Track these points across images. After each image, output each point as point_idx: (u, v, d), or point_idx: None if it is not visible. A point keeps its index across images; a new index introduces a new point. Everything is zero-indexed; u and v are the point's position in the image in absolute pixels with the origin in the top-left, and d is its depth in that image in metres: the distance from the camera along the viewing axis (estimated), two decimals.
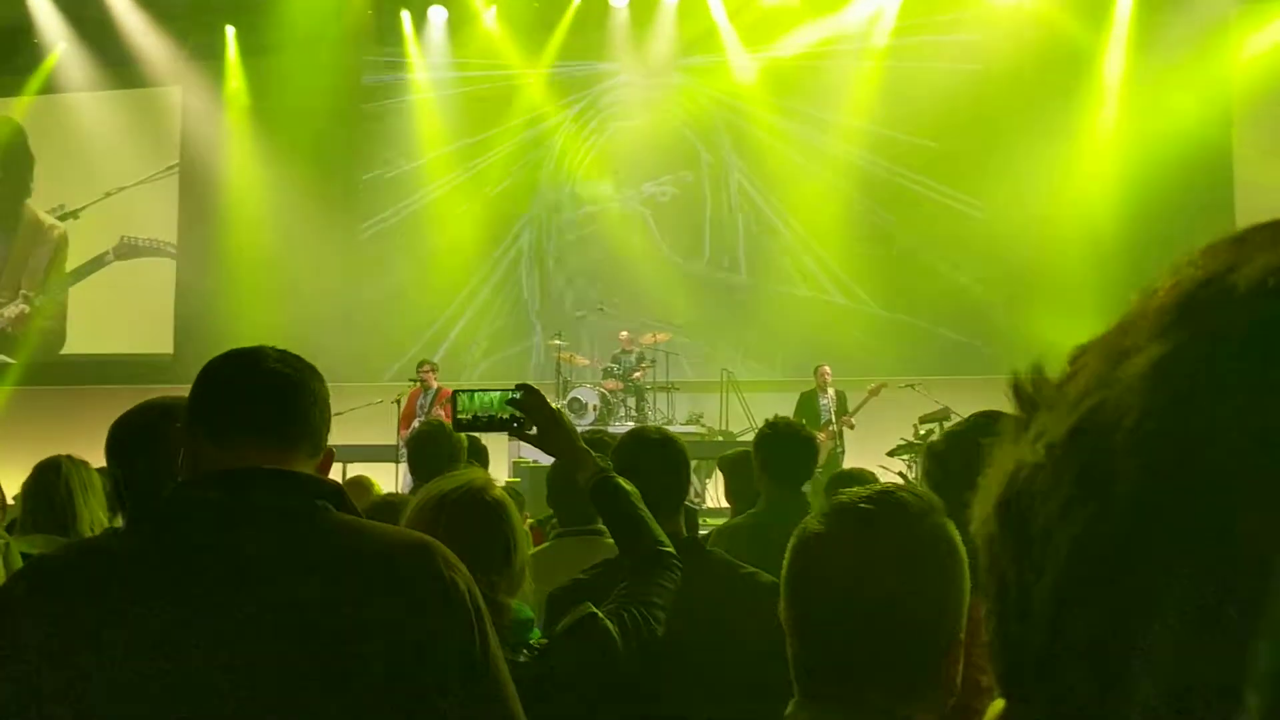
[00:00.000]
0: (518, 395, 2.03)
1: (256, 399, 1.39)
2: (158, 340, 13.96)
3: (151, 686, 1.20)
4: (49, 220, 14.26)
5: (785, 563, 1.19)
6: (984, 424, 2.07)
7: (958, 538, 1.13)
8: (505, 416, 2.05)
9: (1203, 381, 0.33)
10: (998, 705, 0.40)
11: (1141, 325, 0.38)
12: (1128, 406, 0.34)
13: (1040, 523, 0.35)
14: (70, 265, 14.20)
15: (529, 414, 2.03)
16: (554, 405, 2.31)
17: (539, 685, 1.64)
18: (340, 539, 1.32)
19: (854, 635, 1.11)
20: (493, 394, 2.08)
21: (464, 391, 2.11)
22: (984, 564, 0.39)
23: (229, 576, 1.26)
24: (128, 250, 14.00)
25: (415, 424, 10.11)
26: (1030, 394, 0.40)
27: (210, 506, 1.31)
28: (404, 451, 9.92)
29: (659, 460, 2.42)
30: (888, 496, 1.15)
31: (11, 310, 14.17)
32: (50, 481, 2.85)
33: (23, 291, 14.21)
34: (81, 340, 14.17)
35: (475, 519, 1.82)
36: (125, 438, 1.81)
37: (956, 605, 1.11)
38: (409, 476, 9.60)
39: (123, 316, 14.05)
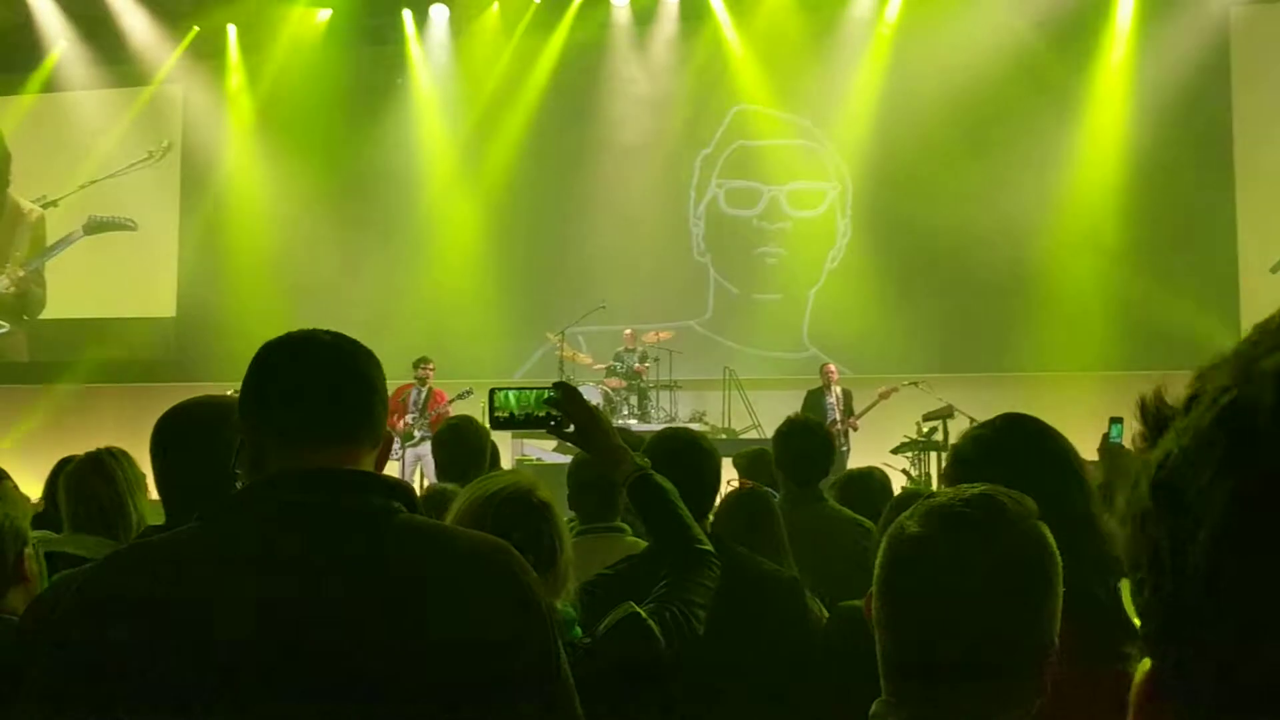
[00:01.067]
0: (555, 394, 2.03)
1: (322, 394, 1.36)
2: (159, 339, 13.98)
3: (232, 689, 1.20)
4: (27, 205, 14.63)
5: (880, 563, 1.18)
6: (1008, 427, 2.05)
7: (1053, 542, 1.12)
8: (542, 415, 2.05)
9: None
10: (1145, 664, 0.46)
11: (1266, 341, 0.44)
12: (1262, 395, 0.42)
13: (1193, 491, 0.42)
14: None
15: (567, 412, 2.03)
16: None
17: (583, 684, 1.65)
18: (419, 541, 1.31)
19: (952, 639, 1.10)
20: (529, 392, 2.07)
21: (501, 390, 2.10)
22: (1134, 540, 0.45)
23: (310, 579, 1.24)
24: (95, 226, 14.35)
25: (406, 420, 10.11)
26: (1156, 414, 0.47)
27: (289, 508, 1.29)
28: (398, 449, 9.96)
29: (688, 461, 2.44)
30: (987, 500, 1.14)
31: None
32: (97, 478, 2.71)
33: (6, 273, 14.63)
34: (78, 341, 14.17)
35: (522, 519, 1.83)
36: (177, 433, 1.79)
37: (1053, 609, 1.12)
38: (406, 471, 9.68)
39: (123, 314, 14.07)
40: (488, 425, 2.58)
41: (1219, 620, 0.41)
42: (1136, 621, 0.47)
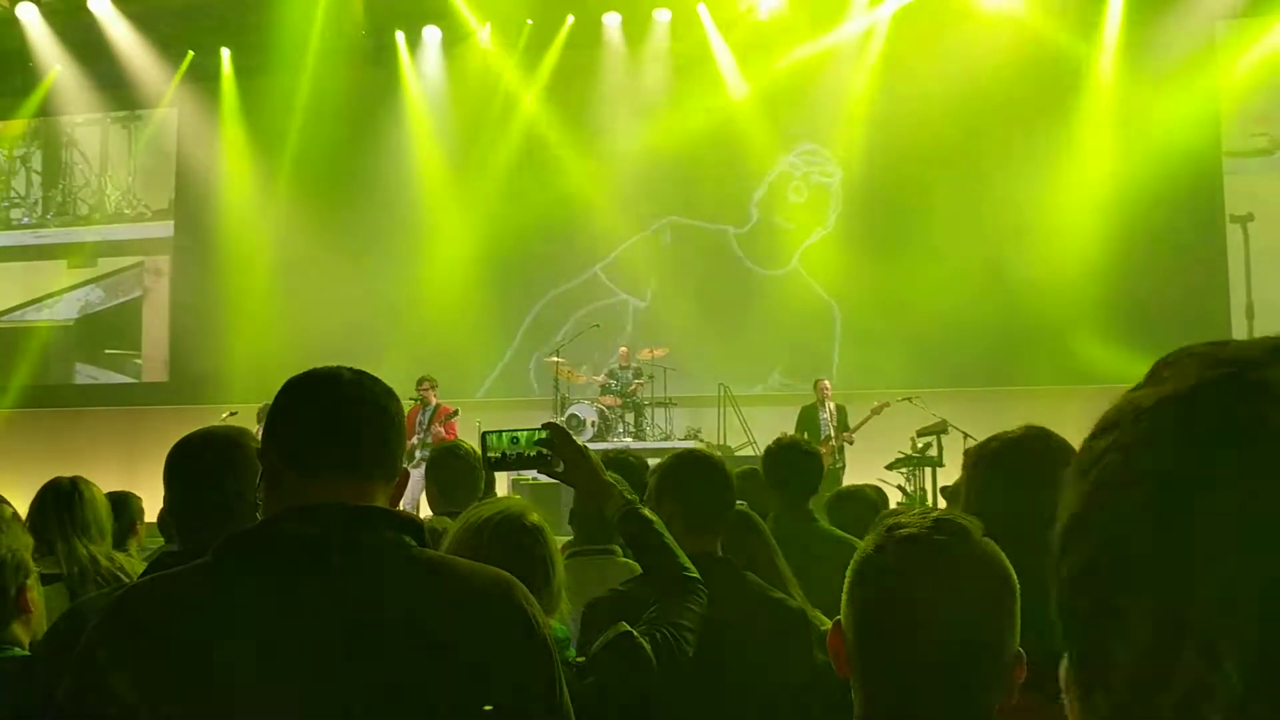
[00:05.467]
0: (545, 434, 2.12)
1: (345, 431, 1.41)
2: (152, 362, 14.04)
3: None
4: None
5: (856, 596, 1.19)
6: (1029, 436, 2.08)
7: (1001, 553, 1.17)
8: (533, 454, 2.13)
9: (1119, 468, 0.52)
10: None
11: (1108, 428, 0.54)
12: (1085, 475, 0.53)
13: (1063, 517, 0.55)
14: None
15: (556, 451, 2.11)
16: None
17: (578, 701, 1.69)
18: (429, 575, 1.36)
19: (946, 669, 1.13)
20: (520, 433, 2.15)
21: (493, 432, 2.18)
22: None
23: (325, 614, 1.28)
24: None
25: (414, 440, 10.11)
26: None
27: (303, 543, 1.33)
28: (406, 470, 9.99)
29: (703, 482, 2.49)
30: (951, 523, 1.17)
31: None
32: (72, 502, 2.76)
33: None
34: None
35: (516, 543, 1.91)
36: (187, 463, 1.82)
37: (1015, 618, 1.15)
38: (414, 492, 9.71)
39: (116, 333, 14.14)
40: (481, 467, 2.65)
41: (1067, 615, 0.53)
42: None
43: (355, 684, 1.25)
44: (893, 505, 6.50)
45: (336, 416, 1.41)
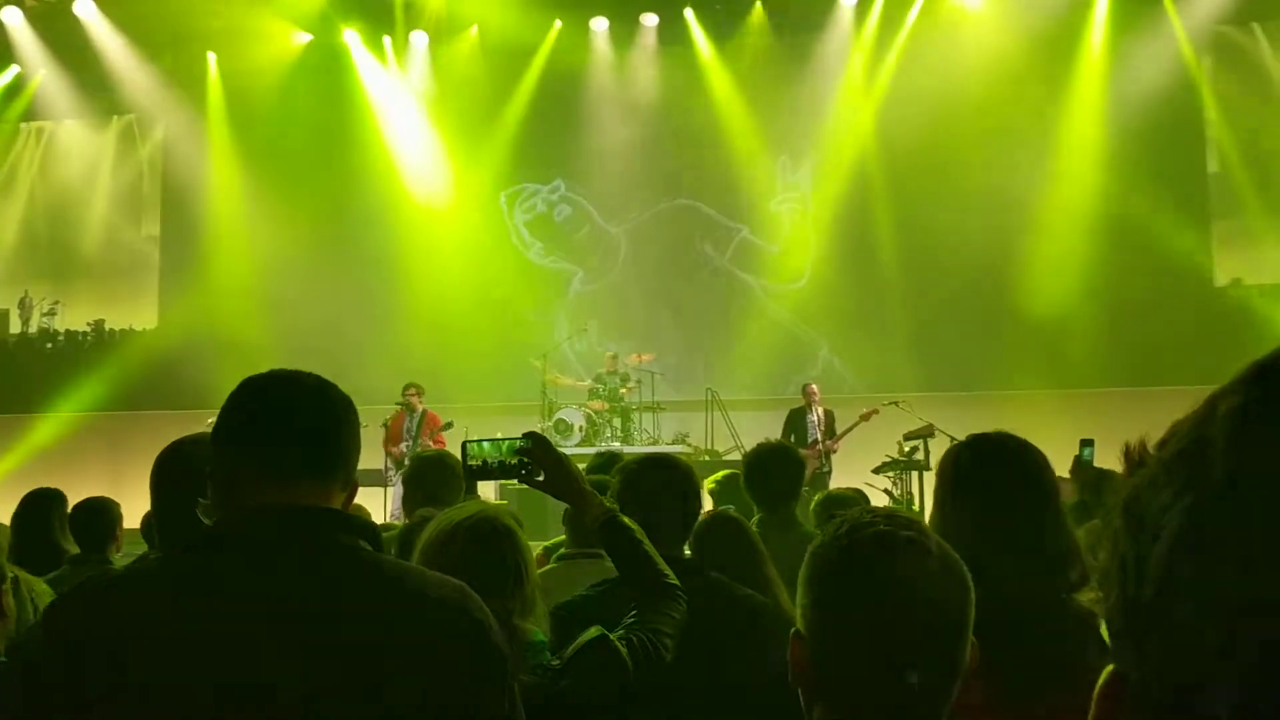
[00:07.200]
0: (526, 443, 2.12)
1: (303, 433, 1.39)
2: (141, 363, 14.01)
3: None
4: None
5: (821, 593, 1.17)
6: (994, 446, 2.10)
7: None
8: (514, 463, 2.13)
9: (1260, 417, 0.50)
10: (1109, 669, 0.54)
11: (1225, 392, 0.53)
12: (1218, 432, 0.51)
13: (1155, 510, 0.52)
14: None
15: (536, 460, 2.11)
16: (540, 428, 2.37)
17: (552, 705, 1.69)
18: (381, 580, 1.34)
19: (923, 657, 1.11)
20: (502, 442, 2.16)
21: (474, 441, 2.19)
22: (1107, 554, 0.56)
23: (276, 616, 1.27)
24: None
25: (402, 447, 10.09)
26: (1138, 455, 0.56)
27: (259, 545, 1.32)
28: (392, 475, 9.96)
29: (665, 486, 2.49)
30: (905, 519, 1.17)
31: None
32: (45, 514, 2.77)
33: None
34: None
35: (488, 546, 1.91)
36: (169, 471, 1.82)
37: (972, 608, 1.15)
38: (398, 500, 9.68)
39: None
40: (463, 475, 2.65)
41: (1167, 616, 0.50)
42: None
43: (298, 687, 1.24)
44: None
45: (295, 419, 1.39)
